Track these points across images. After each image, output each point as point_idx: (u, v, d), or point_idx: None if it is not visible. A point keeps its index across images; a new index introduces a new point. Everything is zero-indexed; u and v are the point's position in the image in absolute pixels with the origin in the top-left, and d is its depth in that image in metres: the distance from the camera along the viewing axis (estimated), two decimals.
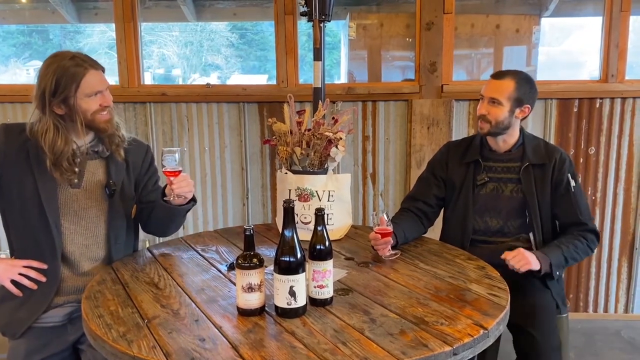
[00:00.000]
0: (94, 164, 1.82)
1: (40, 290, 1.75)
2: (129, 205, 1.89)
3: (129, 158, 1.88)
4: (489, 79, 2.05)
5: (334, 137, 2.07)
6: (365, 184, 3.18)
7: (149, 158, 1.97)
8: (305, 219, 2.05)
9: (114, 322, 1.38)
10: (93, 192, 1.81)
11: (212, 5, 4.34)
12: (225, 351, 1.23)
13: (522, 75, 2.04)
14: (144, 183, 1.94)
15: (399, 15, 3.83)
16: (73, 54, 1.72)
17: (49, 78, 1.67)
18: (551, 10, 3.81)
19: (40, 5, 4.25)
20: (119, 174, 1.85)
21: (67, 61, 1.68)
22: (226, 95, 3.15)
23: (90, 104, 1.71)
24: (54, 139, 1.70)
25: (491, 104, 2.00)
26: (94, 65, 1.72)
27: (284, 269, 1.36)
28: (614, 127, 3.00)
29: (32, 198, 1.74)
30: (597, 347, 2.86)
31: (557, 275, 1.95)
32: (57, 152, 1.70)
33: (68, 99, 1.69)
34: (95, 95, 1.72)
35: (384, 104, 3.09)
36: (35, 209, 1.74)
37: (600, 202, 3.07)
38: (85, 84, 1.69)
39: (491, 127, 2.01)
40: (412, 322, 1.35)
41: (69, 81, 1.67)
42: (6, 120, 3.19)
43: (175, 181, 1.74)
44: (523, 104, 2.00)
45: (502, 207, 2.05)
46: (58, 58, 1.70)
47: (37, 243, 1.76)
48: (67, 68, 1.67)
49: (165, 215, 1.87)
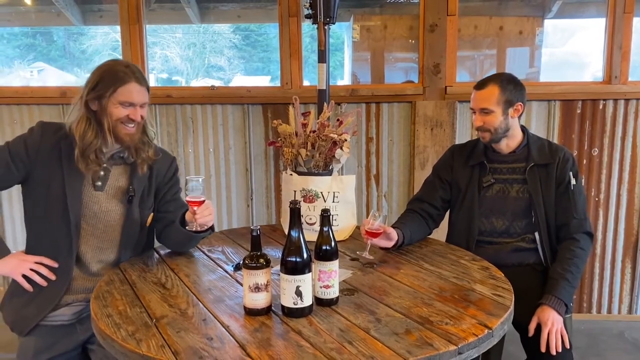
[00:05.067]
0: (119, 169, 1.85)
1: (50, 288, 1.77)
2: (145, 213, 1.91)
3: (154, 168, 1.91)
4: (473, 91, 2.06)
5: (338, 138, 2.09)
6: (369, 185, 3.19)
7: (172, 169, 1.98)
8: (310, 220, 2.06)
9: (122, 321, 1.39)
10: (114, 196, 1.83)
11: (216, 8, 4.36)
12: (233, 350, 1.24)
13: (503, 77, 2.04)
14: (164, 192, 1.96)
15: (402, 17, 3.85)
16: (129, 63, 1.79)
17: (96, 74, 1.75)
18: (554, 11, 3.82)
19: (45, 8, 4.27)
20: (140, 182, 1.87)
21: (119, 66, 1.75)
22: (230, 97, 3.17)
23: (119, 111, 1.74)
24: (85, 129, 1.74)
25: (483, 114, 2.02)
26: (140, 80, 1.76)
27: (291, 269, 1.37)
28: (617, 128, 3.00)
29: (57, 197, 1.76)
30: (600, 348, 2.86)
31: (571, 307, 1.97)
32: (87, 143, 1.74)
33: (102, 98, 1.73)
34: (127, 106, 1.74)
35: (387, 105, 3.10)
36: (60, 207, 1.76)
37: (604, 204, 3.07)
38: (120, 92, 1.72)
39: (491, 134, 2.03)
40: (417, 322, 1.36)
41: (110, 83, 1.72)
42: (12, 122, 3.21)
43: (199, 211, 1.77)
44: (514, 104, 2.02)
45: (508, 208, 2.06)
46: (114, 62, 1.79)
47: (55, 241, 1.78)
48: (115, 72, 1.73)
49: (183, 239, 1.89)
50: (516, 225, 2.05)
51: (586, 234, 2.00)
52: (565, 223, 2.01)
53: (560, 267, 1.93)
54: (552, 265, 1.98)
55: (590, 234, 2.02)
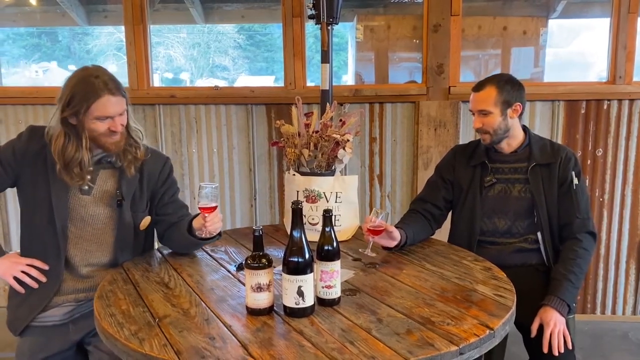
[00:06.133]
0: (107, 173, 1.84)
1: (41, 289, 1.79)
2: (139, 216, 1.90)
3: (145, 170, 1.89)
4: (472, 93, 2.06)
5: (341, 139, 2.09)
6: (372, 185, 3.19)
7: (166, 170, 1.96)
8: (313, 220, 2.07)
9: (125, 321, 1.40)
10: (102, 200, 1.83)
11: (220, 8, 4.37)
12: (235, 350, 1.25)
13: (501, 78, 2.05)
14: (161, 195, 1.95)
15: (406, 17, 3.85)
16: (99, 73, 1.71)
17: (68, 89, 1.70)
18: (559, 11, 3.81)
19: (50, 8, 4.30)
20: (130, 185, 1.86)
21: (91, 78, 1.69)
22: (234, 97, 3.18)
23: (98, 125, 1.72)
24: (64, 145, 1.72)
25: (482, 116, 2.02)
26: (112, 91, 1.70)
27: (293, 269, 1.38)
28: (621, 128, 2.99)
29: (43, 200, 1.77)
30: (604, 349, 2.85)
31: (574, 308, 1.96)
32: (68, 158, 1.73)
33: (78, 114, 1.71)
34: (104, 120, 1.71)
35: (391, 105, 3.10)
36: (45, 211, 1.77)
37: (608, 204, 3.06)
38: (95, 108, 1.69)
39: (491, 136, 2.03)
40: (418, 322, 1.37)
41: (82, 99, 1.68)
42: (17, 122, 3.23)
43: (209, 218, 1.76)
44: (512, 104, 2.02)
45: (510, 207, 2.05)
46: (84, 73, 1.71)
47: (43, 244, 1.80)
48: (85, 85, 1.68)
49: (188, 243, 1.89)
50: (518, 225, 2.05)
51: (589, 234, 2.00)
52: (568, 223, 2.00)
53: (563, 268, 1.92)
54: (555, 265, 1.97)
55: (593, 234, 2.01)
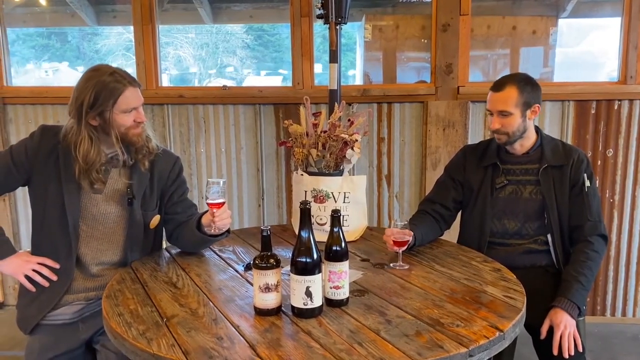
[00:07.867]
0: (118, 172, 1.85)
1: (51, 288, 1.80)
2: (149, 215, 1.91)
3: (155, 169, 1.91)
4: (490, 93, 2.02)
5: (349, 138, 2.08)
6: (381, 185, 3.18)
7: (176, 169, 1.97)
8: (321, 220, 2.06)
9: (133, 320, 1.40)
10: (113, 198, 1.84)
11: (229, 8, 4.37)
12: (243, 350, 1.25)
13: (520, 78, 2.01)
14: (170, 194, 1.96)
15: (414, 17, 3.83)
16: (113, 69, 1.76)
17: (88, 91, 1.71)
18: (569, 11, 3.78)
19: (60, 9, 4.32)
20: (141, 184, 1.87)
21: (107, 76, 1.72)
22: (242, 97, 3.18)
23: (125, 119, 1.76)
24: (87, 149, 1.74)
25: (502, 116, 1.98)
26: (132, 83, 1.76)
27: (301, 270, 1.37)
28: (632, 129, 2.96)
29: (55, 199, 1.79)
30: (614, 352, 2.83)
31: (584, 310, 1.94)
32: (90, 162, 1.75)
33: (104, 113, 1.73)
34: (130, 112, 1.76)
35: (399, 105, 3.09)
36: (57, 210, 1.79)
37: (619, 205, 3.03)
38: (122, 100, 1.73)
39: (508, 137, 2.00)
40: (427, 324, 1.36)
41: (108, 96, 1.71)
42: (27, 121, 3.25)
43: (217, 214, 1.77)
44: (531, 105, 1.99)
45: (520, 209, 2.04)
46: (98, 72, 1.74)
47: (55, 242, 1.81)
48: (107, 83, 1.71)
49: (197, 240, 1.90)
50: (528, 226, 2.03)
51: (600, 237, 1.98)
52: (579, 225, 1.98)
53: (574, 270, 1.90)
54: (566, 267, 1.96)
55: (604, 237, 1.99)
